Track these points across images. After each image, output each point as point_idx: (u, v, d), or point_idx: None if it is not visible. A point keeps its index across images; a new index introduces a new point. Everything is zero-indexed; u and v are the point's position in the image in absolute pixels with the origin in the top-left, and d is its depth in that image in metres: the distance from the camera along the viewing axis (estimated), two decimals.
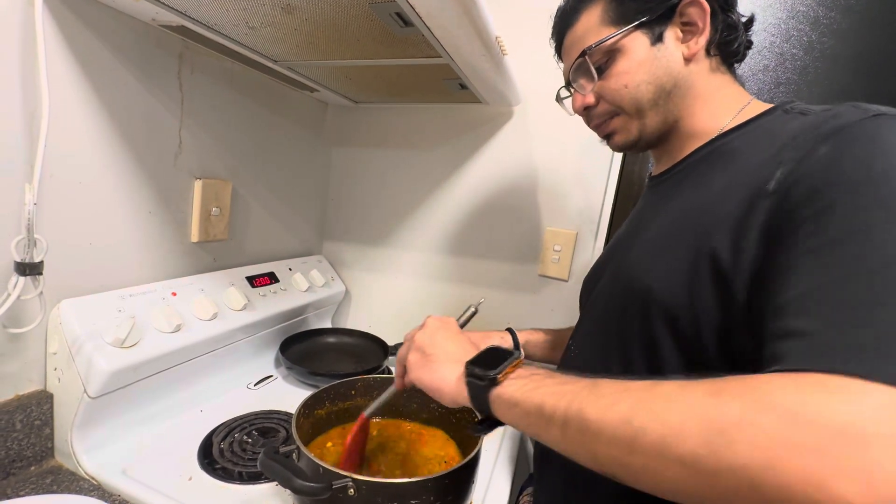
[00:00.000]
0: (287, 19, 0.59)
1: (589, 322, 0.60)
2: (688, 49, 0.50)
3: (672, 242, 0.46)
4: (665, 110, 0.52)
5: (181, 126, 0.76)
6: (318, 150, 1.17)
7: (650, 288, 0.45)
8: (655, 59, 0.50)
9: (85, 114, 0.61)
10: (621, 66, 0.51)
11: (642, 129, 0.54)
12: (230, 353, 0.83)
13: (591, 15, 0.53)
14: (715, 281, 0.40)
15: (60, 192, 0.60)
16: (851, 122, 0.36)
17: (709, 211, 0.43)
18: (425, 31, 0.58)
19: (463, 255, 1.11)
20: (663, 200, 0.53)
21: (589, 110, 0.57)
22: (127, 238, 0.71)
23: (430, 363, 0.48)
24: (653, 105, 0.52)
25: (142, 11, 0.62)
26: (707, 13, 0.49)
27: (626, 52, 0.51)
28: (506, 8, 0.96)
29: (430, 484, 0.50)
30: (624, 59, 0.51)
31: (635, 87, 0.51)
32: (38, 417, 0.60)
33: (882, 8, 0.81)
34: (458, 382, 0.45)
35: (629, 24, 0.50)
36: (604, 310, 0.55)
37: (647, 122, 0.53)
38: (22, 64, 0.53)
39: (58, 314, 0.59)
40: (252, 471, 0.62)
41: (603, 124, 0.57)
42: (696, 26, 0.49)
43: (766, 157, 0.40)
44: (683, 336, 0.42)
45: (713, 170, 0.47)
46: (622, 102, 0.53)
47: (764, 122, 0.47)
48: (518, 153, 1.03)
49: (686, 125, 0.53)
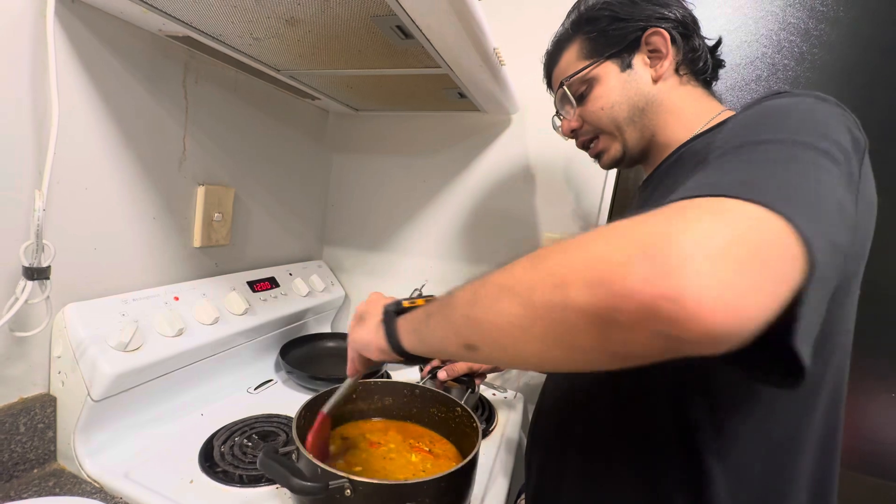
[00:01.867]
0: (291, 31, 0.61)
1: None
2: (655, 71, 0.57)
3: None
4: (641, 125, 0.59)
5: (185, 133, 0.78)
6: (319, 156, 1.18)
7: None
8: (626, 82, 0.57)
9: (92, 121, 0.63)
10: (597, 91, 0.59)
11: (624, 144, 0.60)
12: (231, 357, 0.84)
13: (569, 54, 0.61)
14: None
15: (67, 197, 0.61)
16: (771, 94, 0.41)
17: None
18: (425, 44, 0.59)
19: (461, 261, 1.12)
20: (642, 206, 0.56)
21: (575, 132, 0.64)
22: (131, 243, 0.72)
23: (362, 322, 0.51)
24: (629, 122, 0.59)
25: (149, 22, 0.64)
26: (667, 40, 0.56)
27: (600, 80, 0.58)
28: (503, 20, 0.98)
29: (427, 486, 0.50)
30: (599, 86, 0.59)
31: (610, 107, 0.58)
32: (42, 420, 0.61)
33: (869, 21, 0.83)
34: (378, 328, 0.47)
35: (599, 57, 0.58)
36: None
37: (627, 137, 0.60)
38: (32, 72, 0.55)
39: (63, 318, 0.60)
40: (252, 474, 0.63)
41: (591, 144, 0.64)
42: (661, 52, 0.56)
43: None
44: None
45: (679, 171, 0.52)
46: (601, 123, 0.60)
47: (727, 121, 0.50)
48: (516, 160, 1.04)
49: (662, 137, 0.58)
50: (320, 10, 0.54)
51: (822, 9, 0.85)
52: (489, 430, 0.83)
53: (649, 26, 0.56)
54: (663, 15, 0.56)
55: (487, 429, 0.83)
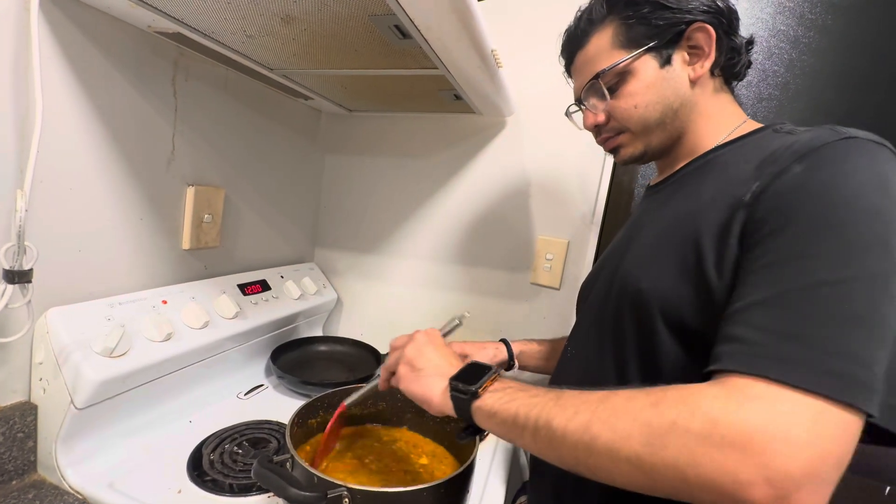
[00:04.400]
0: (286, 29, 0.59)
1: (585, 325, 0.61)
2: (694, 71, 0.52)
3: (663, 247, 0.49)
4: (671, 128, 0.55)
5: (175, 132, 0.76)
6: (311, 157, 1.17)
7: (640, 289, 0.48)
8: (664, 80, 0.53)
9: (78, 119, 0.61)
10: (632, 87, 0.53)
11: (647, 144, 0.57)
12: (221, 362, 0.82)
13: (601, 38, 0.55)
14: (704, 281, 0.43)
15: (50, 198, 0.59)
16: (825, 142, 0.39)
17: (697, 218, 0.46)
18: (423, 44, 0.59)
19: (455, 264, 1.11)
20: (657, 208, 0.56)
21: (599, 127, 0.60)
22: (117, 245, 0.70)
23: (420, 377, 0.51)
24: (659, 124, 0.54)
25: (138, 18, 0.62)
26: (713, 38, 0.51)
27: (636, 74, 0.53)
28: (501, 22, 0.98)
29: (424, 493, 0.50)
30: (634, 81, 0.53)
31: (644, 107, 0.54)
32: (22, 430, 0.58)
33: (857, 29, 0.85)
34: (444, 395, 0.48)
35: (639, 48, 0.52)
36: (598, 313, 0.57)
37: (653, 139, 0.56)
38: (15, 69, 0.53)
39: (44, 323, 0.58)
40: (243, 483, 0.61)
41: (610, 139, 0.60)
42: (703, 50, 0.52)
43: (750, 170, 0.43)
44: (676, 329, 0.45)
45: (704, 180, 0.50)
46: (630, 121, 0.55)
47: (753, 139, 0.50)
48: (510, 163, 1.04)
49: (688, 140, 0.56)
50: (317, 8, 0.53)
51: (811, 16, 0.87)
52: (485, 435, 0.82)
53: (696, 20, 0.51)
54: (710, 7, 0.51)
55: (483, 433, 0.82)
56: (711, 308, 0.42)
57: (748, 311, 0.36)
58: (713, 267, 0.42)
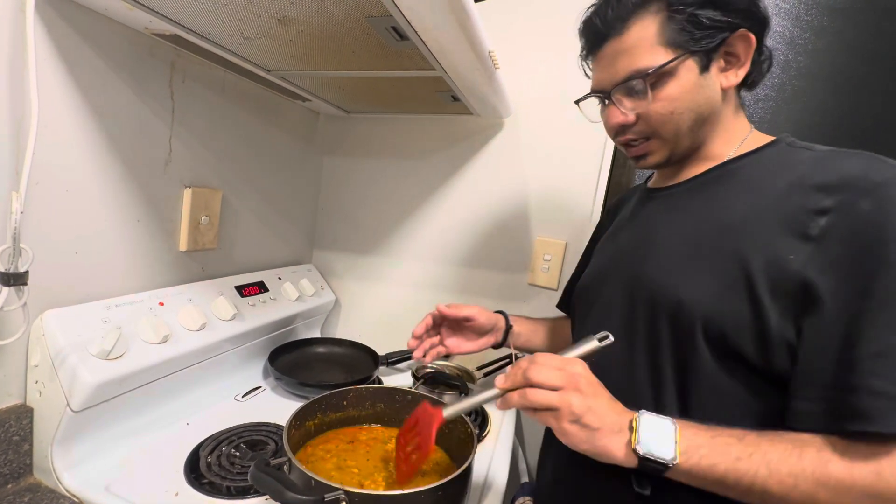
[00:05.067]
0: (283, 31, 0.59)
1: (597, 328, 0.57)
2: (726, 80, 0.50)
3: (698, 258, 0.49)
4: (697, 137, 0.53)
5: (172, 134, 0.76)
6: (309, 159, 1.16)
7: (681, 301, 0.48)
8: (700, 87, 0.50)
9: (74, 121, 0.61)
10: (671, 90, 0.49)
11: (673, 152, 0.55)
12: (218, 364, 0.81)
13: (645, 28, 0.49)
14: (751, 300, 0.43)
15: (46, 200, 0.58)
16: (887, 179, 0.41)
17: (737, 232, 0.46)
18: (420, 46, 0.59)
19: (453, 265, 1.11)
20: (674, 213, 0.55)
21: (624, 127, 0.55)
22: (114, 247, 0.69)
23: (595, 438, 0.45)
24: (688, 132, 0.52)
25: (135, 20, 0.62)
26: (752, 48, 0.49)
27: (677, 78, 0.49)
28: (498, 23, 0.98)
29: (423, 495, 0.50)
30: (674, 85, 0.49)
31: (679, 114, 0.51)
32: (17, 433, 0.58)
33: (853, 31, 0.85)
34: (629, 456, 0.44)
35: (685, 49, 0.48)
36: (624, 320, 0.54)
37: (679, 146, 0.54)
38: (11, 71, 0.52)
39: (40, 325, 0.58)
40: (240, 485, 0.61)
41: (636, 144, 0.56)
42: (739, 59, 0.50)
43: (782, 188, 0.45)
44: (715, 343, 0.45)
45: (728, 192, 0.50)
46: (662, 127, 0.52)
47: (771, 153, 0.51)
48: (508, 164, 1.04)
49: (706, 150, 0.55)
50: (314, 10, 0.53)
51: (808, 18, 0.87)
52: (483, 436, 0.82)
53: (741, 26, 0.47)
54: (755, 14, 0.48)
55: (481, 434, 0.82)
56: (759, 329, 0.43)
57: (878, 361, 0.37)
58: (767, 292, 0.42)
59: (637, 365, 0.52)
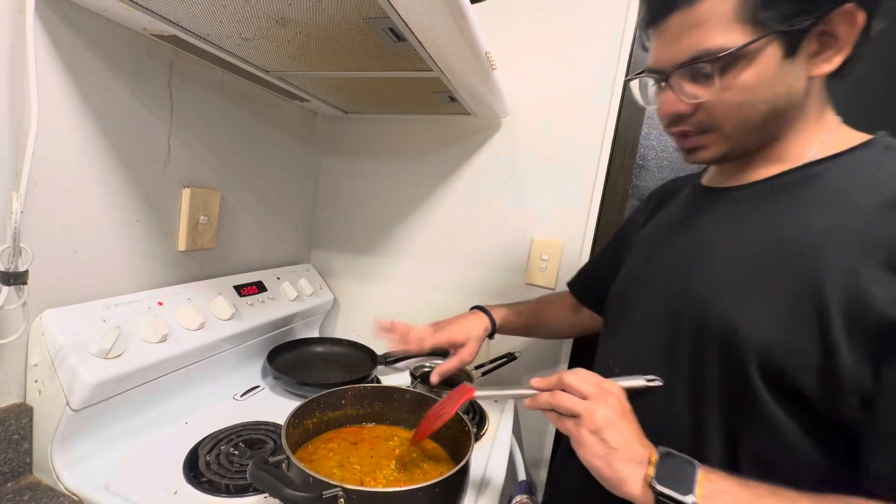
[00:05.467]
0: (281, 32, 0.60)
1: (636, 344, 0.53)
2: (817, 67, 0.41)
3: (759, 279, 0.42)
4: (768, 132, 0.45)
5: (170, 134, 0.76)
6: (307, 159, 1.17)
7: (735, 330, 0.42)
8: (780, 75, 0.41)
9: (73, 122, 0.61)
10: (746, 78, 0.41)
11: (733, 148, 0.47)
12: (217, 363, 0.82)
13: (721, 0, 0.40)
14: (821, 337, 0.37)
15: (46, 200, 0.59)
16: None
17: (812, 253, 0.39)
18: (418, 47, 0.59)
19: (451, 264, 1.11)
20: (734, 222, 0.48)
21: (679, 117, 0.47)
22: (113, 247, 0.70)
23: (612, 458, 0.42)
24: (758, 127, 0.44)
25: (134, 21, 0.62)
26: (857, 29, 0.39)
27: (754, 63, 0.40)
28: (495, 24, 0.99)
29: (420, 492, 0.50)
30: (750, 71, 0.41)
31: (751, 106, 0.42)
32: (17, 432, 0.58)
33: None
34: (644, 491, 0.40)
35: (770, 30, 0.39)
36: (664, 340, 0.49)
37: (743, 142, 0.46)
38: (10, 71, 0.53)
39: (40, 325, 0.58)
40: (239, 483, 0.61)
41: (690, 136, 0.48)
42: (837, 42, 0.40)
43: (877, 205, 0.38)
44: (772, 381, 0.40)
45: (805, 202, 0.43)
46: (728, 121, 0.44)
47: (863, 158, 0.43)
48: (505, 164, 1.05)
49: (779, 147, 0.46)
50: (312, 11, 0.53)
51: None
52: (480, 434, 0.82)
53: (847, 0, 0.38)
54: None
55: (479, 432, 0.83)
56: (828, 371, 0.37)
57: None
58: (843, 329, 0.36)
59: (677, 395, 0.47)
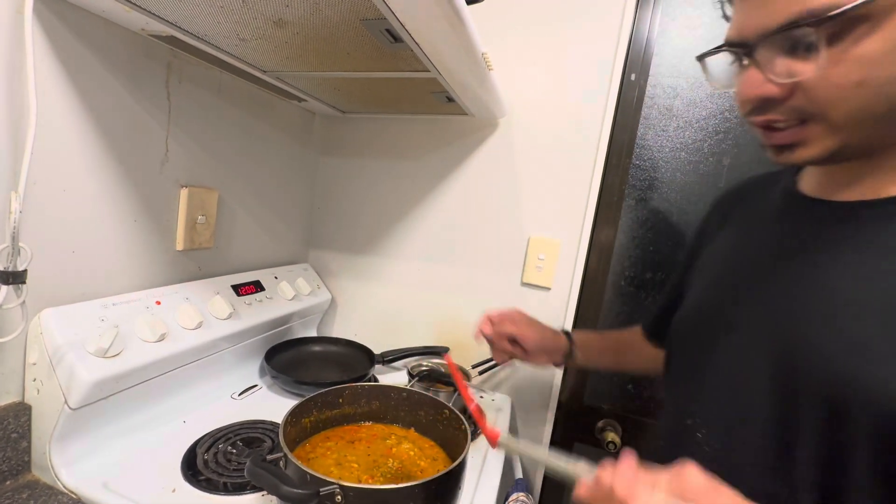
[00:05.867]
0: (279, 32, 0.60)
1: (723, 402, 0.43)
2: None
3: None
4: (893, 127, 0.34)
5: (168, 134, 0.76)
6: (304, 159, 1.17)
7: (893, 399, 0.32)
8: None
9: (71, 121, 0.61)
10: (866, 48, 0.30)
11: (843, 145, 0.35)
12: (215, 362, 0.82)
13: None
14: None
15: (44, 199, 0.59)
16: None
17: None
18: (414, 47, 0.60)
19: (448, 264, 1.12)
20: (870, 254, 0.36)
21: (768, 102, 0.36)
22: (111, 246, 0.70)
23: None
24: (881, 119, 0.33)
25: (132, 21, 0.62)
26: None
27: (880, 27, 0.29)
28: (492, 25, 0.99)
29: (416, 490, 0.50)
30: (875, 39, 0.30)
31: (876, 86, 0.31)
32: (15, 430, 0.58)
33: None
34: None
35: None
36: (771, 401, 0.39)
37: (858, 137, 0.34)
38: (9, 71, 0.53)
39: (38, 323, 0.58)
40: (237, 482, 0.62)
41: (783, 130, 0.36)
42: None
43: None
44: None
45: None
46: (838, 107, 0.33)
47: None
48: (502, 164, 1.05)
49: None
50: (309, 12, 0.54)
51: None
52: (477, 433, 0.83)
53: None
54: None
55: (475, 431, 0.83)
56: None
57: None
58: None
59: (798, 463, 0.37)
